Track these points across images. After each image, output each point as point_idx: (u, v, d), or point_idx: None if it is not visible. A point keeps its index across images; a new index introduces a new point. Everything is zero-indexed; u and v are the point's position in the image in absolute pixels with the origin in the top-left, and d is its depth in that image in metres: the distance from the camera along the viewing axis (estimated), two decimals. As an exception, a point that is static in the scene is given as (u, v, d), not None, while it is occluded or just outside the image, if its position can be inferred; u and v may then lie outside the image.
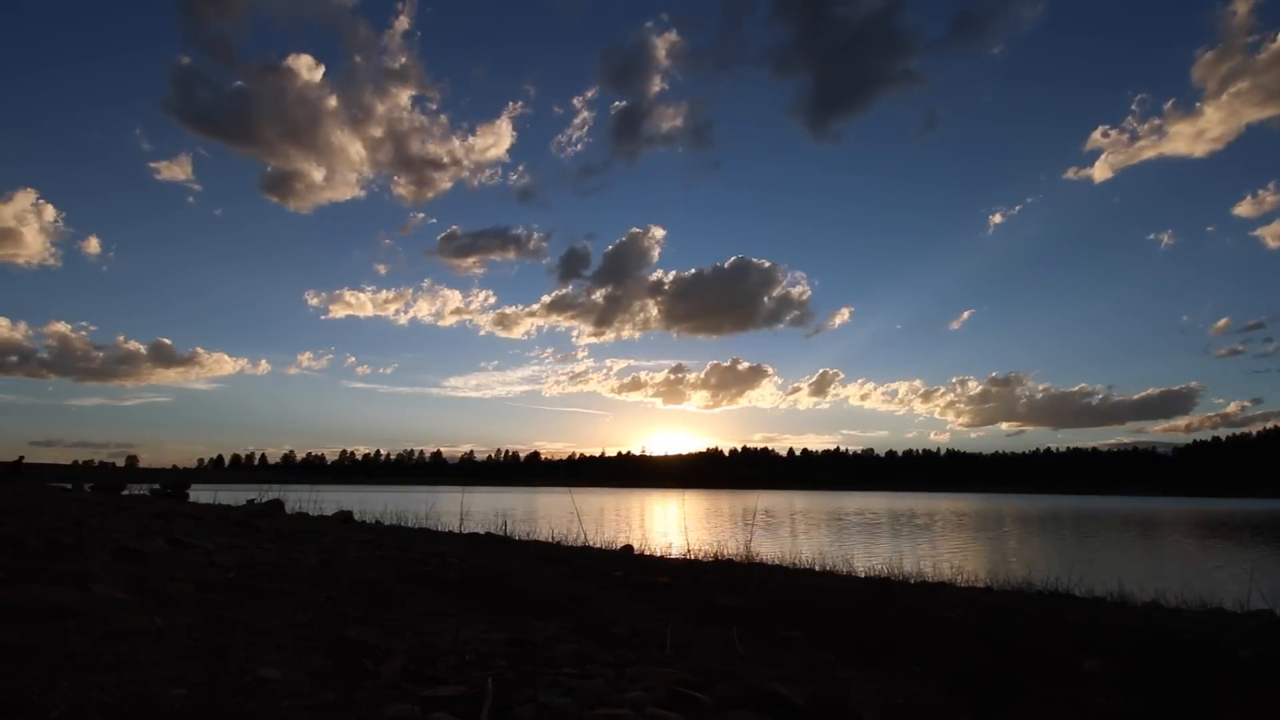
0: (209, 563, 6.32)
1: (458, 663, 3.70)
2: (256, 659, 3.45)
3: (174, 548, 7.04)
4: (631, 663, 4.02)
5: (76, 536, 7.12)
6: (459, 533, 15.40)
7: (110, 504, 14.64)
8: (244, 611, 4.52)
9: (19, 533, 7.00)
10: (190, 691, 2.87)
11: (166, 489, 22.72)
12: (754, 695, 3.45)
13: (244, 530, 10.31)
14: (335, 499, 28.06)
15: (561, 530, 16.65)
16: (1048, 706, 3.85)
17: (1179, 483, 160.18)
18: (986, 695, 3.97)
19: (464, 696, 3.10)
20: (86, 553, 5.96)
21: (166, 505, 15.83)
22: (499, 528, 16.38)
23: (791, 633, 5.47)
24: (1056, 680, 4.38)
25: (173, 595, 4.70)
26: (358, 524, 15.94)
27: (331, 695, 3.01)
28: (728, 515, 40.13)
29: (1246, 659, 5.22)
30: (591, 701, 3.17)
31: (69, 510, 11.27)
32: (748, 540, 15.28)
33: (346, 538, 10.89)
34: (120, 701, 2.68)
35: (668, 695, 3.33)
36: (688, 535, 20.56)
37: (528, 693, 3.23)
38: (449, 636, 4.29)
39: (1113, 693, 4.16)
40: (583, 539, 14.65)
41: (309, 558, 7.60)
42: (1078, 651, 5.23)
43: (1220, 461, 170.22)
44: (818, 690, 3.75)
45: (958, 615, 6.80)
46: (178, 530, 8.91)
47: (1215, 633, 6.36)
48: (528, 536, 15.30)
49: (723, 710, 3.26)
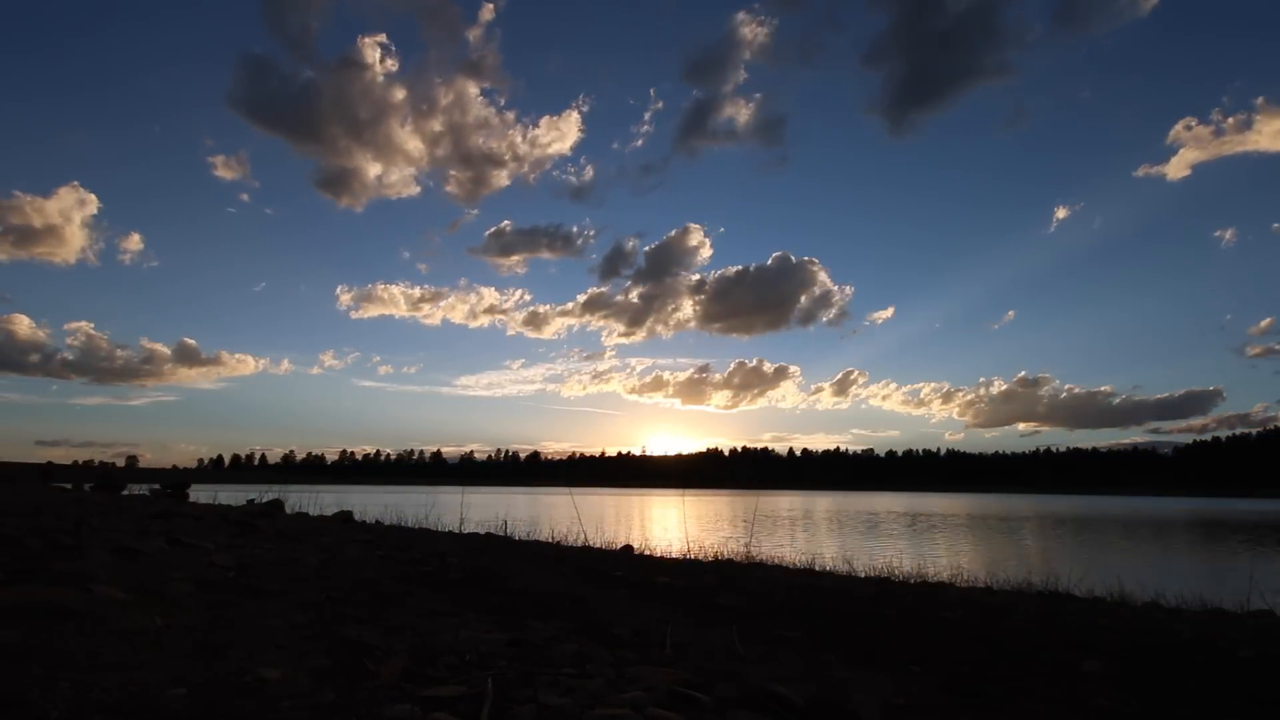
0: (209, 563, 6.32)
1: (458, 663, 3.70)
2: (256, 659, 3.45)
3: (174, 548, 7.05)
4: (631, 663, 4.02)
5: (76, 536, 7.12)
6: (459, 533, 15.40)
7: (110, 504, 14.65)
8: (244, 611, 4.52)
9: (19, 533, 7.00)
10: (190, 691, 2.87)
11: (166, 489, 22.74)
12: (754, 695, 3.45)
13: (244, 530, 10.31)
14: (335, 499, 28.07)
15: (562, 530, 16.64)
16: (1048, 706, 3.85)
17: (1179, 483, 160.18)
18: (986, 695, 3.97)
19: (464, 696, 3.10)
20: (86, 553, 5.97)
21: (166, 505, 15.83)
22: (499, 528, 16.38)
23: (791, 633, 5.47)
24: (1056, 680, 4.38)
25: (173, 595, 4.70)
26: (358, 524, 15.94)
27: (331, 695, 3.01)
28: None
29: (1246, 659, 5.22)
30: (591, 701, 3.17)
31: (69, 510, 11.27)
32: (747, 540, 15.28)
33: (346, 538, 10.89)
34: (120, 701, 2.68)
35: (668, 695, 3.33)
36: (688, 535, 20.56)
37: (528, 693, 3.23)
38: (449, 636, 4.29)
39: (1113, 693, 4.16)
40: (583, 539, 14.65)
41: (309, 558, 7.60)
42: (1078, 651, 5.23)
43: (1220, 461, 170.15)
44: (818, 690, 3.75)
45: (957, 615, 6.80)
46: (178, 530, 8.91)
47: (1215, 633, 6.36)
48: (528, 536, 15.30)
49: (723, 710, 3.26)
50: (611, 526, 26.55)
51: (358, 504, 26.10)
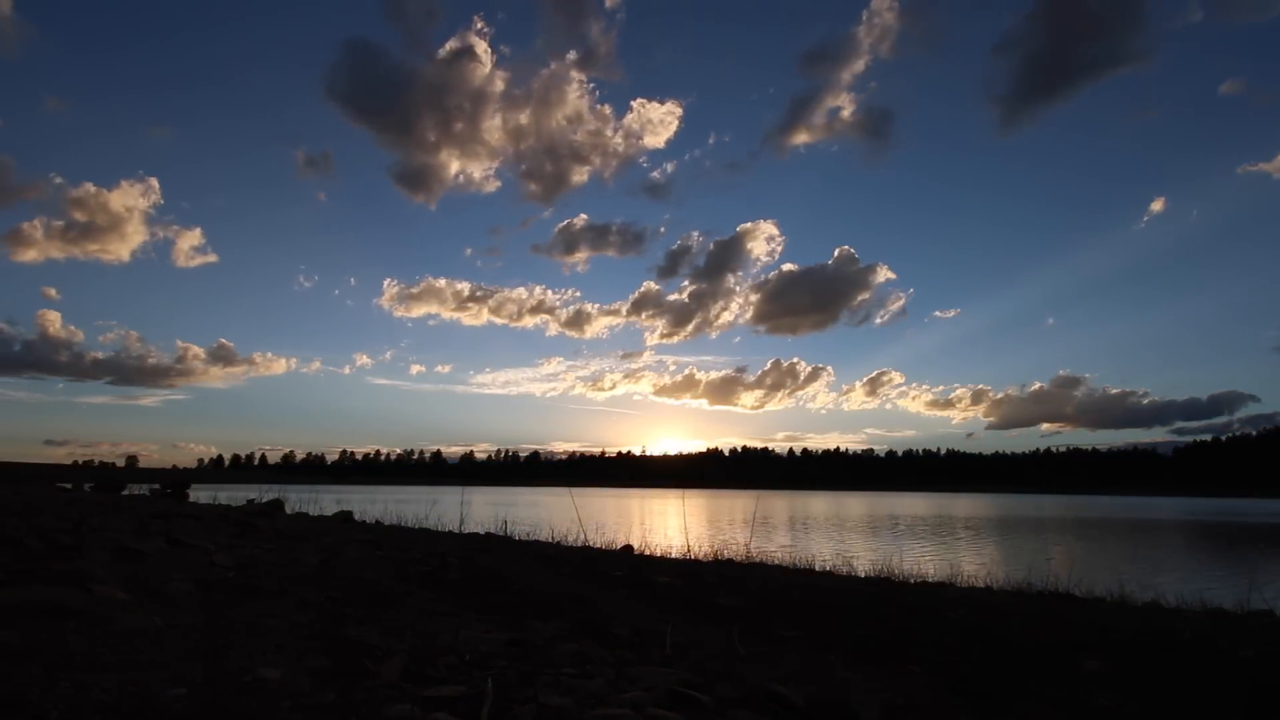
0: (209, 563, 6.32)
1: (458, 663, 3.70)
2: (256, 659, 3.45)
3: (174, 548, 7.04)
4: (631, 663, 4.02)
5: (76, 536, 7.12)
6: (459, 533, 15.41)
7: (110, 504, 14.65)
8: (244, 611, 4.52)
9: (19, 533, 7.00)
10: (190, 691, 2.87)
11: (166, 489, 22.76)
12: (754, 695, 3.45)
13: (244, 530, 10.31)
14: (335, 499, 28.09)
15: (561, 530, 16.65)
16: (1048, 706, 3.85)
17: (1178, 483, 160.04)
18: (986, 695, 3.97)
19: (464, 696, 3.10)
20: (86, 553, 5.97)
21: (166, 505, 15.84)
22: (499, 528, 16.39)
23: (791, 633, 5.47)
24: (1056, 680, 4.38)
25: (173, 595, 4.70)
26: (358, 524, 15.95)
27: (331, 695, 3.01)
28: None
29: (1246, 659, 5.22)
30: (591, 701, 3.17)
31: (69, 510, 11.28)
32: (747, 540, 15.29)
33: (346, 538, 10.89)
34: (120, 701, 2.67)
35: (668, 695, 3.33)
36: (688, 535, 20.56)
37: (528, 693, 3.23)
38: (449, 636, 4.29)
39: (1113, 693, 4.16)
40: (583, 539, 14.65)
41: (309, 558, 7.60)
42: (1078, 651, 5.23)
43: (1219, 461, 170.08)
44: (818, 690, 3.75)
45: (958, 615, 6.80)
46: (178, 530, 8.91)
47: (1215, 633, 6.35)
48: (528, 536, 15.31)
49: (723, 710, 3.26)
50: (611, 526, 26.54)
51: (357, 504, 26.11)
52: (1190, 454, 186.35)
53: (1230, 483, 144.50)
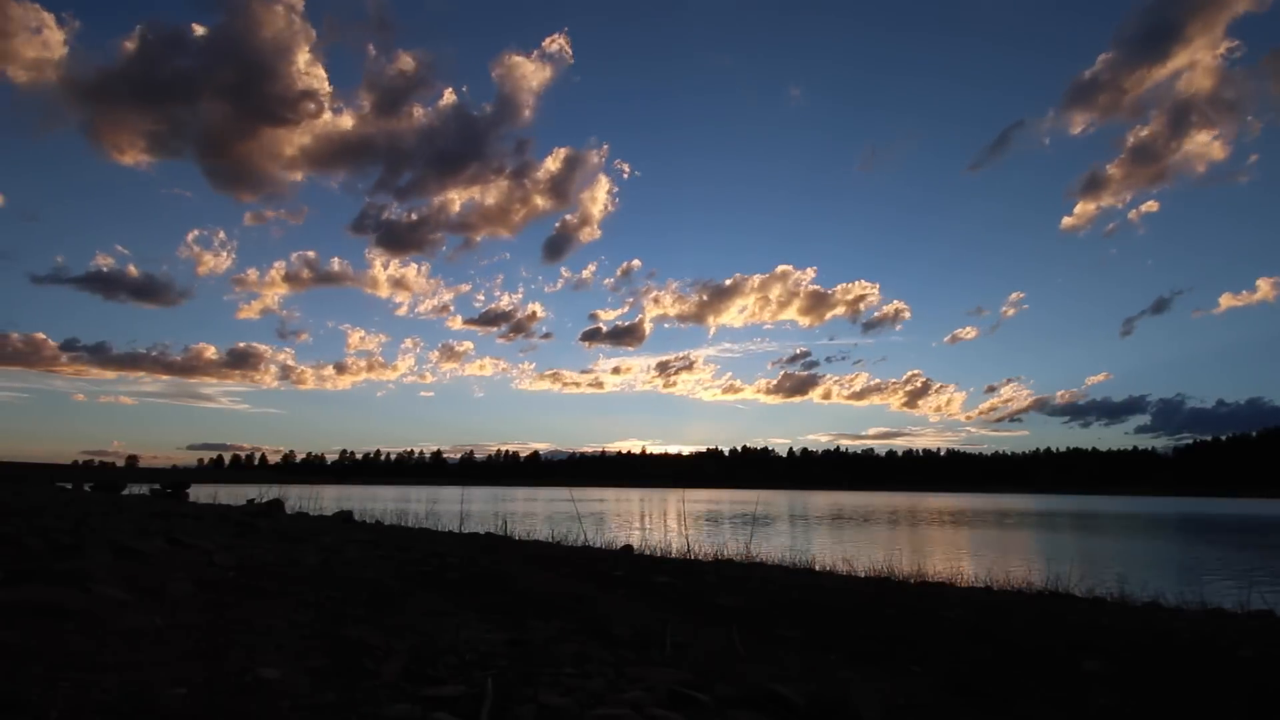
0: (209, 562, 6.32)
1: (458, 663, 3.69)
2: (256, 659, 3.44)
3: (174, 547, 7.04)
4: (631, 663, 4.02)
5: (76, 536, 7.12)
6: (459, 533, 15.41)
7: (110, 504, 14.65)
8: (244, 611, 4.51)
9: (19, 533, 7.00)
10: (190, 691, 2.87)
11: (166, 489, 22.76)
12: (754, 695, 3.45)
13: (244, 530, 10.31)
14: (335, 499, 28.07)
15: (561, 530, 16.65)
16: (1048, 706, 3.85)
17: (1178, 482, 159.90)
18: (986, 695, 3.97)
19: (464, 696, 3.10)
20: (86, 553, 5.96)
21: (166, 505, 15.84)
22: (499, 527, 16.39)
23: (791, 633, 5.47)
24: (1056, 680, 4.38)
25: (173, 595, 4.70)
26: (358, 524, 15.95)
27: (331, 695, 3.01)
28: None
29: (1246, 659, 5.22)
30: (591, 701, 3.17)
31: (69, 510, 11.28)
32: (747, 540, 15.28)
33: (346, 538, 10.89)
34: (120, 701, 2.67)
35: (668, 695, 3.33)
36: (687, 535, 20.55)
37: (528, 693, 3.23)
38: (449, 636, 4.29)
39: (1113, 693, 4.16)
40: (583, 539, 14.65)
41: (309, 558, 7.60)
42: (1078, 651, 5.23)
43: (1219, 461, 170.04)
44: (818, 690, 3.75)
45: (958, 615, 6.80)
46: (178, 530, 8.90)
47: (1215, 633, 6.36)
48: (528, 536, 15.31)
49: (723, 710, 3.26)
50: (611, 526, 26.54)
51: (357, 504, 26.11)
52: (1190, 454, 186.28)
53: (1230, 483, 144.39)
